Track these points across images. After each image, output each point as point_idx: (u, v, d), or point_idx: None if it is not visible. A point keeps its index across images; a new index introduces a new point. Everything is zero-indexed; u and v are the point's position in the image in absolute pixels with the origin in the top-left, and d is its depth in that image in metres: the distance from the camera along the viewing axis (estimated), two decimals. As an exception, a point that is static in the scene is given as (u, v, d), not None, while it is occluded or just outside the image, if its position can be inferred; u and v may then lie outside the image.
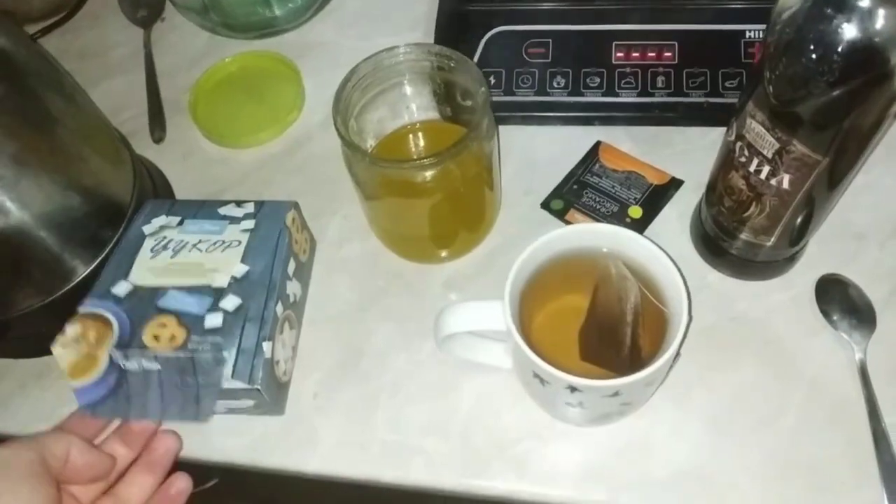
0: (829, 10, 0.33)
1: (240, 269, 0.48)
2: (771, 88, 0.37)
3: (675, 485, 0.45)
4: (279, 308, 0.48)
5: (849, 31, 0.33)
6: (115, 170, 0.53)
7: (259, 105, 0.64)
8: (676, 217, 0.55)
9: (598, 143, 0.58)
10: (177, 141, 0.64)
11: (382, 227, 0.53)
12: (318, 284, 0.55)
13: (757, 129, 0.40)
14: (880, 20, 0.32)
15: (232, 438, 0.49)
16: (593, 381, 0.38)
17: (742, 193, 0.44)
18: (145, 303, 0.46)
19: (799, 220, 0.44)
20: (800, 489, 0.44)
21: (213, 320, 0.45)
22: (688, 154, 0.57)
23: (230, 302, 0.46)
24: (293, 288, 0.51)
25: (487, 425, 0.48)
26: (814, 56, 0.34)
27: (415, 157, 0.42)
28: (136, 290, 0.47)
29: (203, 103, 0.65)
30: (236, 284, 0.47)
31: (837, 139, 0.38)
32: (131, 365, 0.44)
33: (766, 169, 0.41)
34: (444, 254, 0.53)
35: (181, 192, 0.61)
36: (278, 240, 0.49)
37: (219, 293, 0.46)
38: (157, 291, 0.47)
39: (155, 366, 0.44)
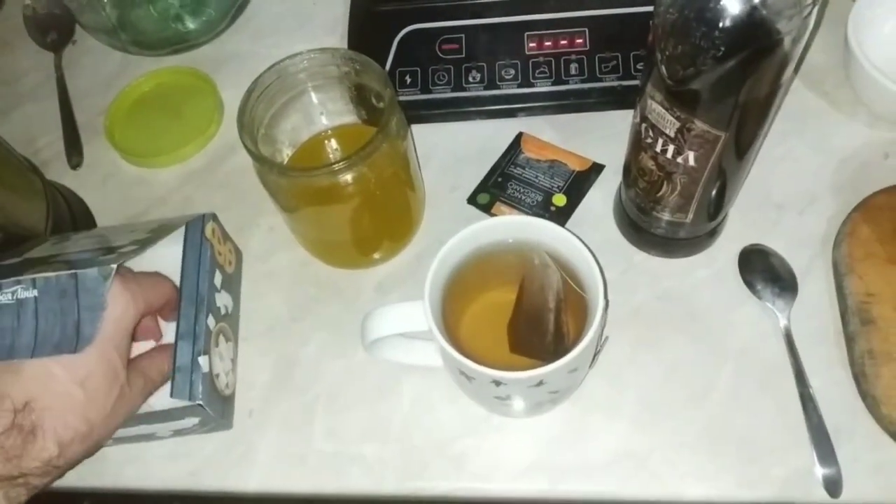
0: (707, -12, 0.33)
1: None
2: (663, 69, 0.37)
3: (613, 467, 0.45)
4: (211, 321, 0.47)
5: (729, 6, 0.33)
6: (24, 201, 0.52)
7: (177, 122, 0.62)
8: (601, 201, 0.55)
9: (520, 135, 0.58)
10: (95, 165, 0.63)
11: (305, 236, 0.52)
12: (248, 298, 0.54)
13: (657, 110, 0.40)
14: (758, -6, 0.33)
15: (170, 464, 0.48)
16: (515, 374, 0.38)
17: (653, 174, 0.44)
18: None
19: (712, 194, 0.45)
20: (734, 459, 0.45)
21: None
22: (608, 138, 0.57)
23: None
24: (223, 300, 0.50)
25: (425, 426, 0.48)
26: (698, 34, 0.34)
27: (330, 163, 0.41)
28: None
29: (119, 125, 0.63)
30: None
31: (735, 113, 0.38)
32: (3, 298, 0.40)
33: (671, 148, 0.41)
34: (372, 258, 0.53)
35: (102, 217, 0.59)
36: (200, 253, 0.48)
37: None
38: None
39: (32, 293, 0.40)
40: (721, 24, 0.33)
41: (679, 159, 0.42)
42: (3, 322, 0.40)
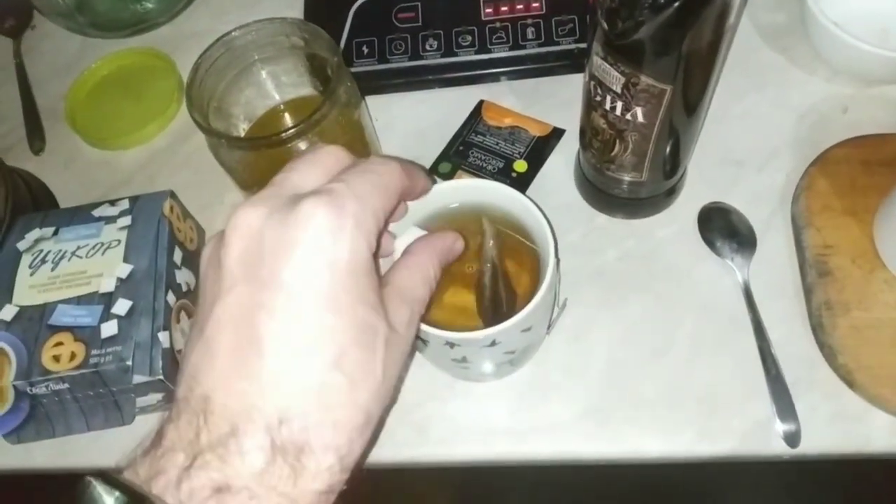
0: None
1: (124, 269, 0.47)
2: (604, 23, 0.37)
3: (576, 426, 0.46)
4: (171, 297, 0.47)
5: (663, -45, 0.33)
6: (-18, 186, 0.51)
7: (138, 103, 0.62)
8: (562, 166, 0.55)
9: (481, 102, 0.58)
10: (58, 150, 0.62)
11: (264, 210, 0.52)
12: (212, 276, 0.54)
13: (603, 66, 0.40)
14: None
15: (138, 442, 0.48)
16: (467, 334, 0.38)
17: (605, 133, 0.44)
18: (35, 323, 0.45)
19: (664, 151, 0.45)
20: (695, 414, 0.45)
21: (109, 329, 0.44)
22: (568, 103, 0.56)
23: (121, 306, 0.45)
24: (184, 277, 0.50)
25: (390, 393, 0.48)
26: (634, -16, 0.34)
27: (278, 132, 0.41)
28: (23, 312, 0.45)
29: (80, 108, 0.63)
30: (123, 286, 0.46)
31: (678, 65, 0.38)
32: (39, 390, 0.44)
33: (619, 105, 0.41)
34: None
35: (66, 201, 0.59)
36: (158, 231, 0.48)
37: (108, 298, 0.46)
38: (44, 309, 0.45)
39: (64, 385, 0.44)
40: (656, -26, 0.33)
41: (628, 116, 0.41)
42: (50, 408, 0.44)
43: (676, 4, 0.34)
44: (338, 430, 0.27)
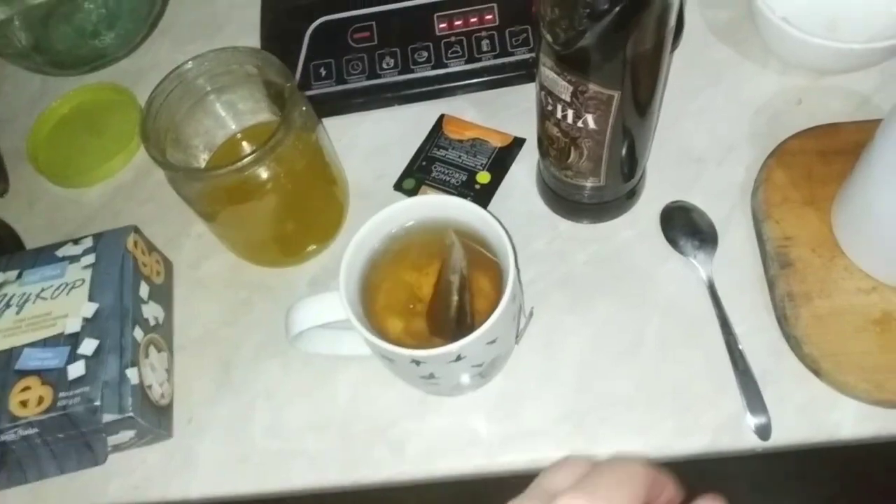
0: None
1: (89, 309, 0.47)
2: (547, 34, 0.38)
3: (551, 432, 0.46)
4: (138, 333, 0.47)
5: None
6: (-56, 232, 0.51)
7: (100, 139, 0.62)
8: (524, 175, 0.55)
9: (441, 116, 0.58)
10: (22, 190, 0.62)
11: (230, 240, 0.52)
12: (181, 307, 0.54)
13: (551, 76, 0.40)
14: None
15: (113, 480, 0.48)
16: (431, 351, 0.38)
17: (560, 141, 0.45)
18: (1, 369, 0.45)
19: (620, 155, 0.45)
20: (667, 412, 0.45)
21: (76, 370, 0.44)
22: (527, 112, 0.57)
23: (88, 346, 0.45)
24: (152, 311, 0.50)
25: (365, 413, 0.48)
26: (570, -5, 0.34)
27: (234, 160, 0.41)
28: None
29: (43, 147, 0.63)
30: (89, 325, 0.46)
31: (624, 70, 0.39)
32: (8, 437, 0.43)
33: (570, 113, 0.42)
34: (302, 254, 0.53)
35: (33, 241, 0.59)
36: (122, 267, 0.48)
37: (74, 339, 0.45)
38: (10, 354, 0.45)
39: (33, 430, 0.43)
40: (590, -16, 0.34)
41: (580, 123, 0.42)
42: (21, 454, 0.44)
43: (614, 12, 0.35)
44: None
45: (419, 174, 0.56)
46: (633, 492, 0.29)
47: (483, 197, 0.54)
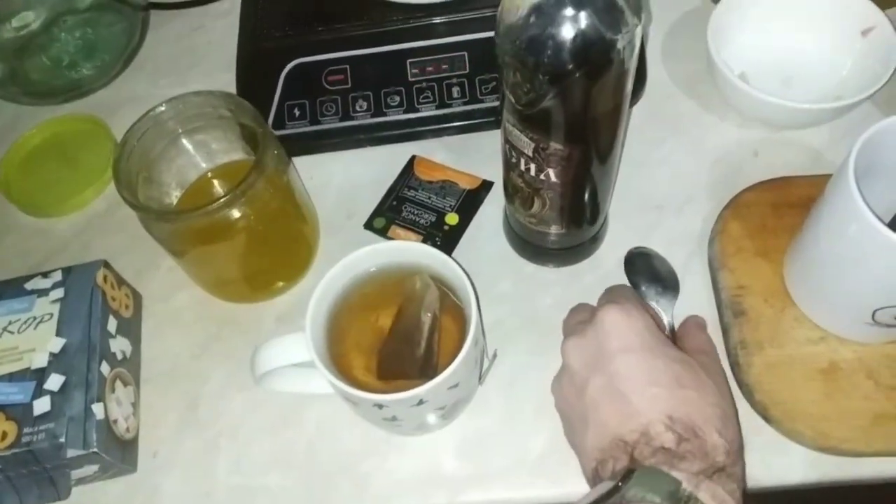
0: (534, 20, 0.35)
1: (56, 344, 0.47)
2: (509, 95, 0.39)
3: (510, 474, 0.47)
4: (105, 368, 0.47)
5: (555, 34, 0.35)
6: (-89, 262, 0.51)
7: (73, 170, 0.63)
8: (491, 217, 0.57)
9: (413, 158, 0.60)
10: (-9, 217, 0.62)
11: (199, 277, 0.53)
12: (149, 340, 0.54)
13: (514, 132, 0.42)
14: (582, 21, 0.35)
15: (75, 514, 0.48)
16: (393, 395, 0.39)
17: (523, 191, 0.46)
18: None
19: (580, 206, 0.47)
20: (623, 456, 0.47)
21: (42, 406, 0.44)
22: (496, 156, 0.57)
23: (54, 381, 0.45)
24: (119, 345, 0.50)
25: (329, 451, 0.49)
26: (530, 62, 0.36)
27: (205, 203, 0.42)
28: None
29: (15, 177, 0.63)
30: (56, 360, 0.46)
31: (583, 130, 0.40)
32: None
33: (532, 166, 0.43)
34: (270, 291, 0.54)
35: (2, 271, 0.58)
36: (91, 301, 0.48)
37: (40, 374, 0.46)
38: None
39: None
40: (550, 51, 0.35)
41: (542, 176, 0.44)
42: None
43: (573, 77, 0.36)
44: (706, 418, 0.38)
45: (389, 213, 0.57)
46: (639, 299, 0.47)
47: (451, 238, 0.56)
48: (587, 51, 0.36)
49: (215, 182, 0.53)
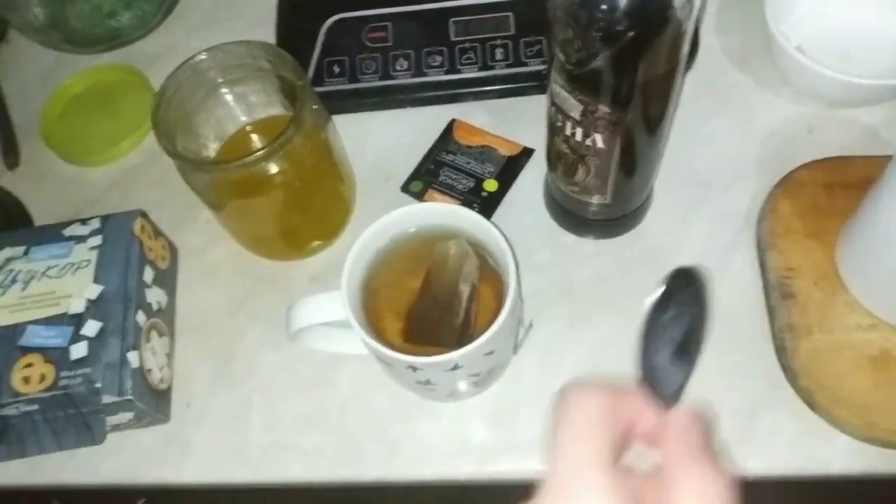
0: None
1: (94, 290, 0.47)
2: (560, 53, 0.38)
3: (543, 445, 0.46)
4: (141, 317, 0.47)
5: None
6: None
7: (111, 119, 0.62)
8: (531, 185, 0.56)
9: (452, 121, 0.58)
10: (32, 165, 0.62)
11: (236, 231, 0.52)
12: (184, 293, 0.54)
13: (562, 94, 0.40)
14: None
15: (107, 458, 0.48)
16: (429, 358, 0.38)
17: (568, 157, 0.45)
18: (5, 343, 0.45)
19: (627, 175, 0.46)
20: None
21: (78, 350, 0.45)
22: (538, 122, 0.56)
23: (91, 328, 0.46)
24: (155, 296, 0.50)
25: (360, 413, 0.48)
26: (585, 17, 0.34)
27: (243, 155, 0.42)
28: None
29: (54, 125, 0.63)
30: (93, 307, 0.46)
31: (634, 93, 0.39)
32: (9, 411, 0.44)
33: (578, 131, 0.42)
34: (305, 249, 0.53)
35: (39, 217, 0.59)
36: (128, 250, 0.48)
37: (77, 319, 0.46)
38: (15, 329, 0.45)
39: (34, 406, 0.44)
40: (606, 6, 0.34)
41: (588, 142, 0.42)
42: (21, 428, 0.45)
43: (628, 36, 0.35)
44: None
45: (427, 178, 0.56)
46: (596, 439, 0.27)
47: (489, 205, 0.55)
48: (644, 7, 0.34)
49: (253, 136, 0.53)
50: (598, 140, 0.41)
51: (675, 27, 0.35)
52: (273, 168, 0.44)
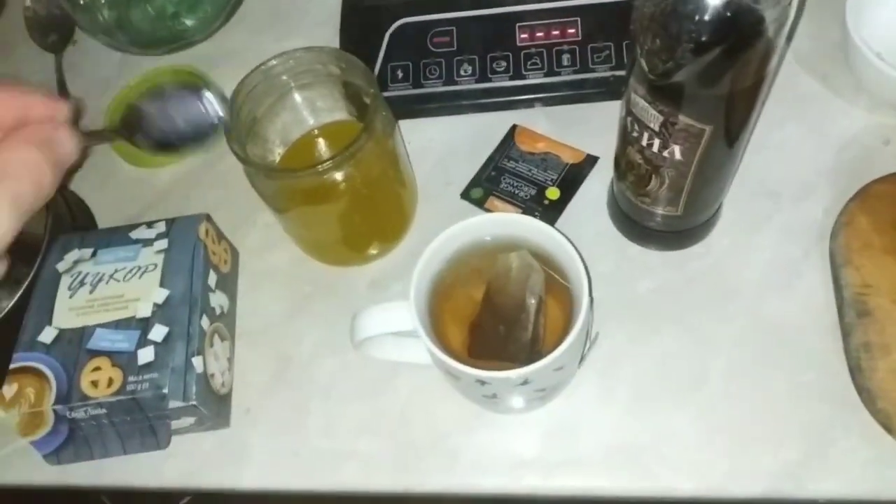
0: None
1: (160, 294, 0.47)
2: (644, 63, 0.37)
3: (605, 461, 0.45)
4: (205, 322, 0.48)
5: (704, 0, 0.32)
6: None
7: (174, 121, 0.63)
8: (595, 194, 0.55)
9: (513, 127, 0.58)
10: (96, 166, 0.63)
11: (298, 236, 0.52)
12: (244, 295, 0.54)
13: (641, 104, 0.39)
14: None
15: (168, 462, 0.49)
16: (499, 373, 0.38)
17: (641, 167, 0.44)
18: (74, 346, 0.46)
19: (701, 188, 0.44)
20: (726, 453, 0.45)
21: (146, 355, 0.45)
22: (603, 129, 0.56)
23: (158, 332, 0.46)
24: (218, 300, 0.50)
25: (419, 421, 0.48)
26: (675, 27, 0.34)
27: (314, 164, 0.42)
28: (62, 335, 0.46)
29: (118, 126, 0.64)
30: (160, 311, 0.47)
31: (718, 106, 0.38)
32: (78, 414, 0.44)
33: (656, 142, 0.41)
34: (366, 255, 0.53)
35: (103, 218, 0.60)
36: (193, 255, 0.49)
37: (144, 324, 0.46)
38: (83, 332, 0.46)
39: (101, 410, 0.44)
40: (698, 17, 0.33)
41: (665, 153, 0.41)
42: (88, 431, 0.45)
43: (719, 48, 0.34)
44: None
45: (488, 184, 0.56)
46: None
47: (551, 213, 0.54)
48: (737, 21, 0.33)
49: (319, 141, 0.53)
50: (677, 152, 0.40)
51: (767, 40, 0.34)
52: (341, 176, 0.44)
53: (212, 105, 0.39)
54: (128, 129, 0.38)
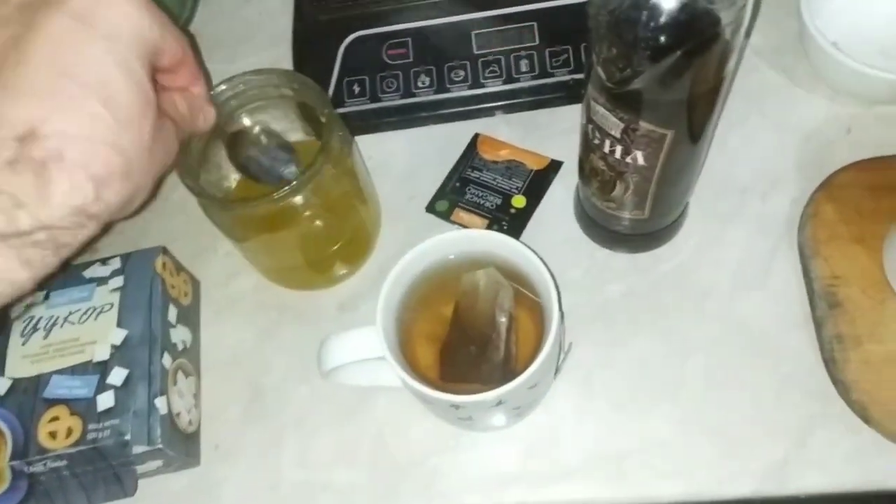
0: (636, -12, 0.32)
1: (118, 335, 0.45)
2: (601, 71, 0.36)
3: (589, 470, 0.45)
4: (167, 359, 0.46)
5: (659, 4, 0.32)
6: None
7: (126, 149, 0.61)
8: (561, 200, 0.54)
9: (475, 136, 0.57)
10: (47, 200, 0.61)
11: (260, 263, 0.51)
12: (208, 327, 0.53)
13: (601, 112, 0.39)
14: (686, -9, 0.31)
15: (138, 507, 0.47)
16: (473, 397, 0.37)
17: (604, 174, 0.43)
18: (30, 396, 0.43)
19: (667, 190, 0.44)
20: (710, 455, 0.44)
21: (105, 401, 0.43)
22: (565, 133, 0.56)
23: (117, 375, 0.44)
24: (180, 335, 0.49)
25: (395, 446, 0.47)
26: (630, 35, 0.33)
27: (270, 192, 0.40)
28: (17, 384, 0.44)
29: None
30: (118, 353, 0.45)
31: (678, 111, 0.37)
32: (37, 469, 0.42)
33: (618, 149, 0.40)
34: (331, 277, 0.52)
35: (57, 254, 0.58)
36: (151, 290, 0.47)
37: (103, 367, 0.44)
38: (38, 380, 0.44)
39: (62, 462, 0.42)
40: (653, 23, 0.32)
41: (628, 159, 0.40)
42: (49, 485, 0.43)
43: (676, 53, 0.33)
44: (96, 160, 0.27)
45: (452, 196, 0.54)
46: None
47: (518, 222, 0.53)
48: (692, 25, 0.32)
49: (275, 164, 0.51)
50: (639, 157, 0.40)
51: (724, 43, 0.33)
52: (301, 200, 0.42)
53: None
54: None
